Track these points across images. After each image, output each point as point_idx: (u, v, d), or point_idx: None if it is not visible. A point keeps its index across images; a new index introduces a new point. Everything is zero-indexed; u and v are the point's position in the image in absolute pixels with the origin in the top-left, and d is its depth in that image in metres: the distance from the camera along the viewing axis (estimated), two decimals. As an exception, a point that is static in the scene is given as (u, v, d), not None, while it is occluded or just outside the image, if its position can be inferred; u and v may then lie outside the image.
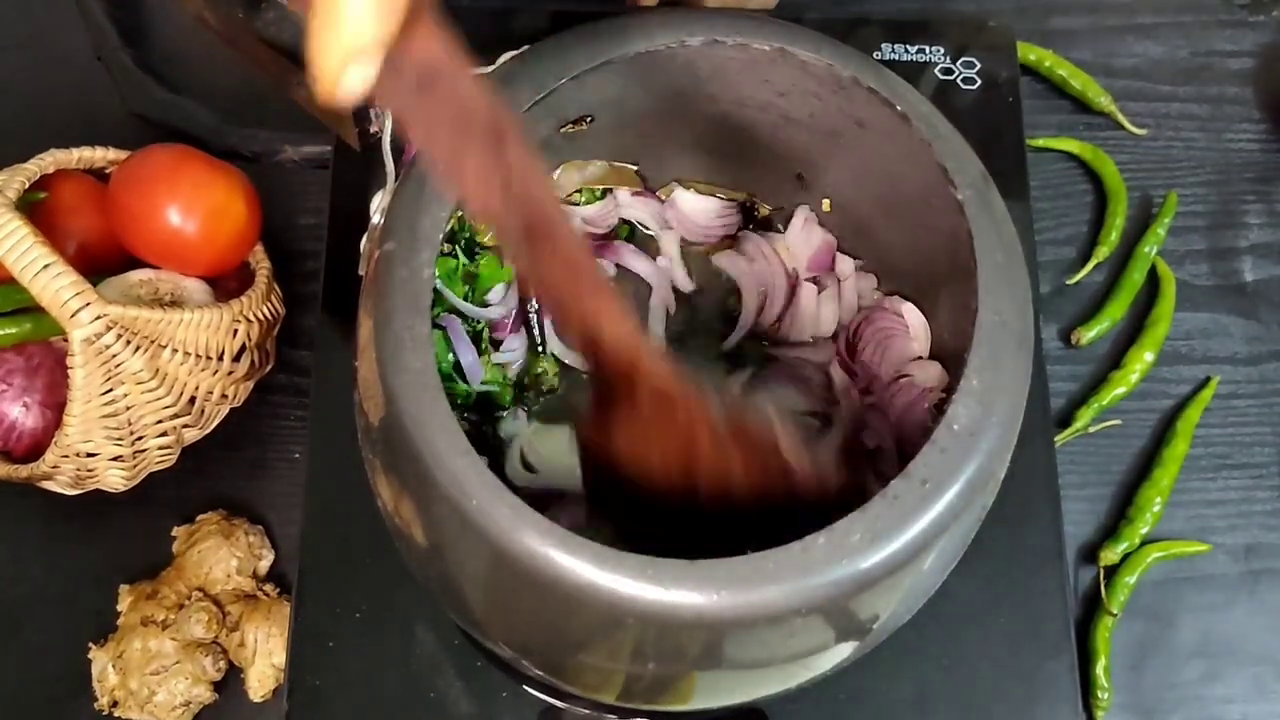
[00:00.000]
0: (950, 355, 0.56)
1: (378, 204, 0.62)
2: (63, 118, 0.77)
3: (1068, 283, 0.76)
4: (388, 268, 0.47)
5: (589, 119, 0.58)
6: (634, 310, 0.50)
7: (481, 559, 0.44)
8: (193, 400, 0.65)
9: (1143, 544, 0.68)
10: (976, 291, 0.47)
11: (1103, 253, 0.75)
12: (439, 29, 0.37)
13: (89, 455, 0.62)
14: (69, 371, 0.58)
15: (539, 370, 0.62)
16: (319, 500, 0.61)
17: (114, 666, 0.63)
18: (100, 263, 0.63)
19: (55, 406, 0.62)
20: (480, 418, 0.61)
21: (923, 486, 0.43)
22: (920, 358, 0.59)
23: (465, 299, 0.59)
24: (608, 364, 0.45)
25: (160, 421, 0.64)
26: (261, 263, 0.67)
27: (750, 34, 0.52)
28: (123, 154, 0.65)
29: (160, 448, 0.65)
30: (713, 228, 0.65)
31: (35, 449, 0.63)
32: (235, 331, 0.64)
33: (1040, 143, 0.79)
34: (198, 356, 0.63)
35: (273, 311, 0.67)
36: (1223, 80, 0.82)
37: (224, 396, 0.67)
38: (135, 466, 0.65)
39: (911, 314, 0.60)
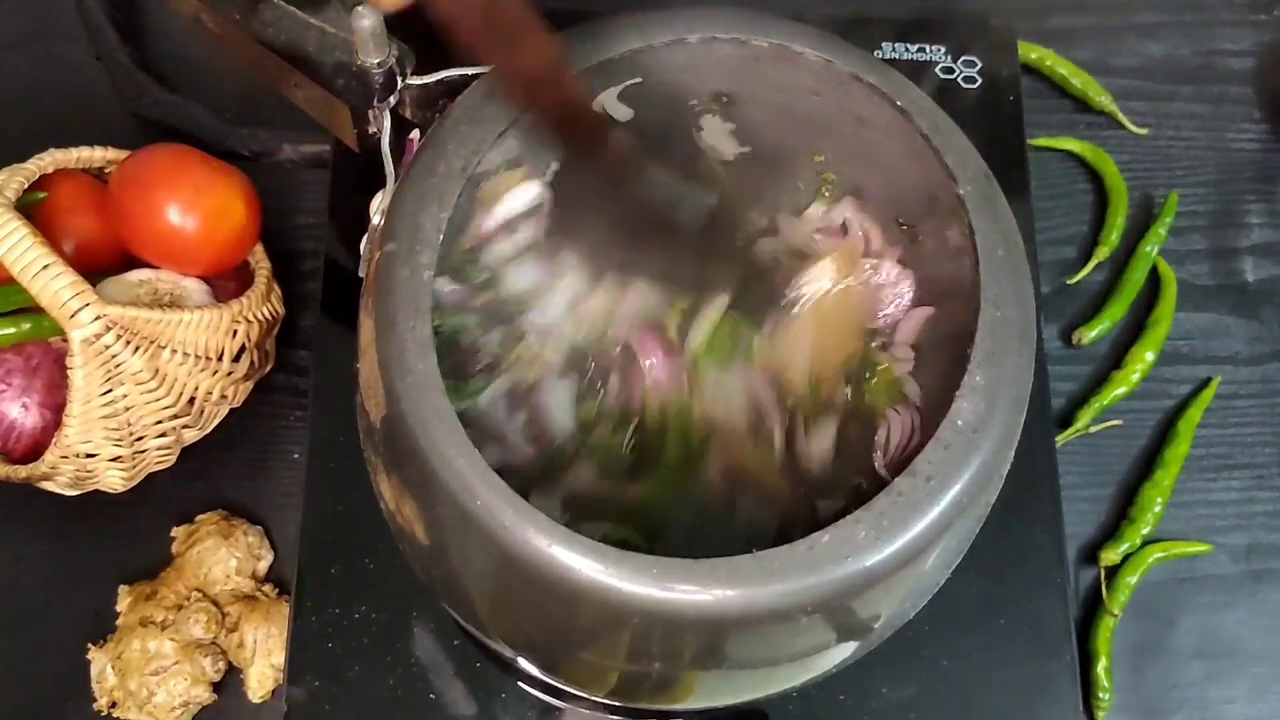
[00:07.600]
0: (953, 351, 0.56)
1: (378, 204, 0.61)
2: (63, 118, 0.77)
3: (1068, 282, 0.76)
4: (388, 268, 0.46)
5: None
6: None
7: (485, 559, 0.44)
8: (192, 400, 0.65)
9: (1144, 544, 0.68)
10: (979, 287, 0.47)
11: (1103, 252, 0.75)
12: None
13: (88, 456, 0.62)
14: (68, 372, 0.58)
15: None
16: (318, 500, 0.61)
17: (113, 667, 0.63)
18: (100, 263, 0.63)
19: (54, 407, 0.62)
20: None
21: (927, 483, 0.43)
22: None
23: None
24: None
25: (160, 422, 0.64)
26: (261, 263, 0.67)
27: (749, 30, 0.52)
28: (123, 154, 0.65)
29: (159, 448, 0.65)
30: None
31: (35, 449, 0.63)
32: (235, 332, 0.64)
33: (1041, 142, 0.79)
34: (197, 357, 0.63)
35: (272, 312, 0.67)
36: (1224, 79, 0.82)
37: (223, 397, 0.67)
38: (134, 467, 0.65)
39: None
